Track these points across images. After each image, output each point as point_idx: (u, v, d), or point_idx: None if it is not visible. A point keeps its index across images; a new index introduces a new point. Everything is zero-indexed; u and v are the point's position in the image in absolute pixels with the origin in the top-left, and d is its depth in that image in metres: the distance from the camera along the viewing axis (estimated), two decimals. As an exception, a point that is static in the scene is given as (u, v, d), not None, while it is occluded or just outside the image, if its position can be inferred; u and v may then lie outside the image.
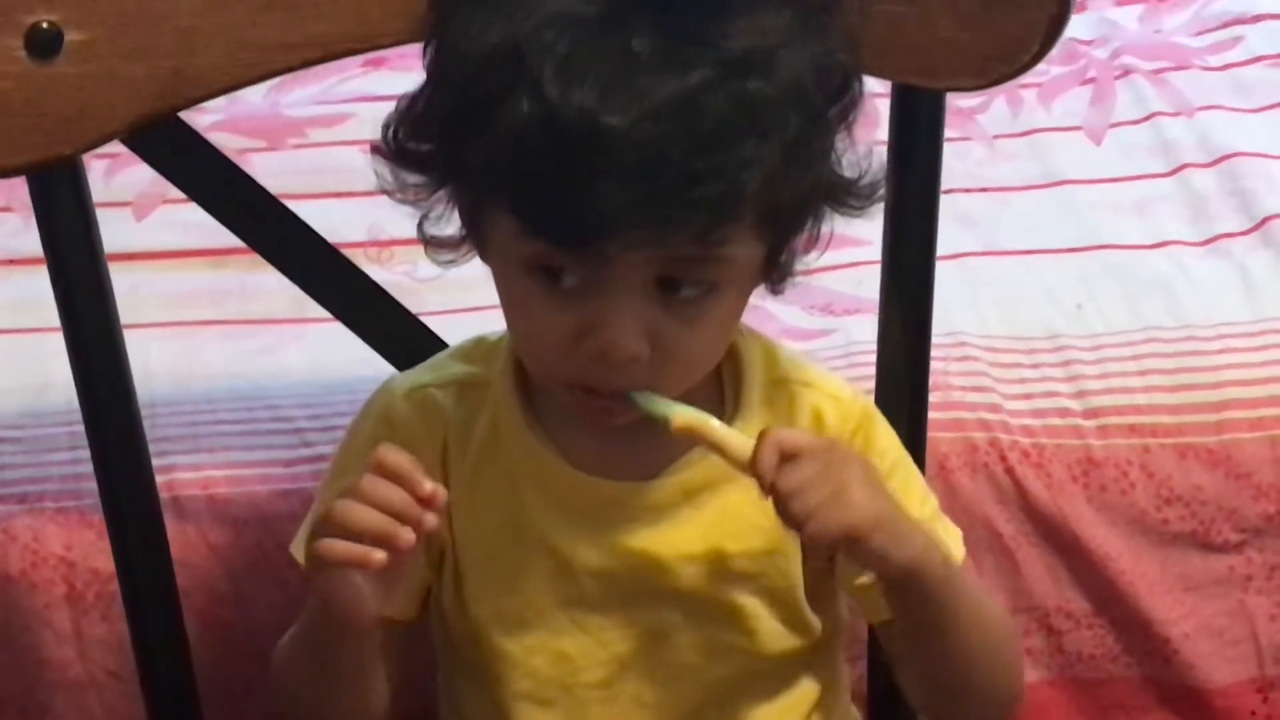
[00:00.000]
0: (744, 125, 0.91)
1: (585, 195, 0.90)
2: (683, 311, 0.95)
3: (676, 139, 0.90)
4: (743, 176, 0.91)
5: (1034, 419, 1.38)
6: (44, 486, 1.31)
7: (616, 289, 0.94)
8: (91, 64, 1.03)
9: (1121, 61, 1.78)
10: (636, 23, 0.90)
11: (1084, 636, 1.38)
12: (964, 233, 1.54)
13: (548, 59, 0.90)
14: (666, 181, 0.90)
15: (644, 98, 0.89)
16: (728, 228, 0.93)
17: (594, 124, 0.89)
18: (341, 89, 1.77)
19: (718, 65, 0.90)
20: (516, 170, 0.92)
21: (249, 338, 1.45)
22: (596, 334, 0.94)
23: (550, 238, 0.93)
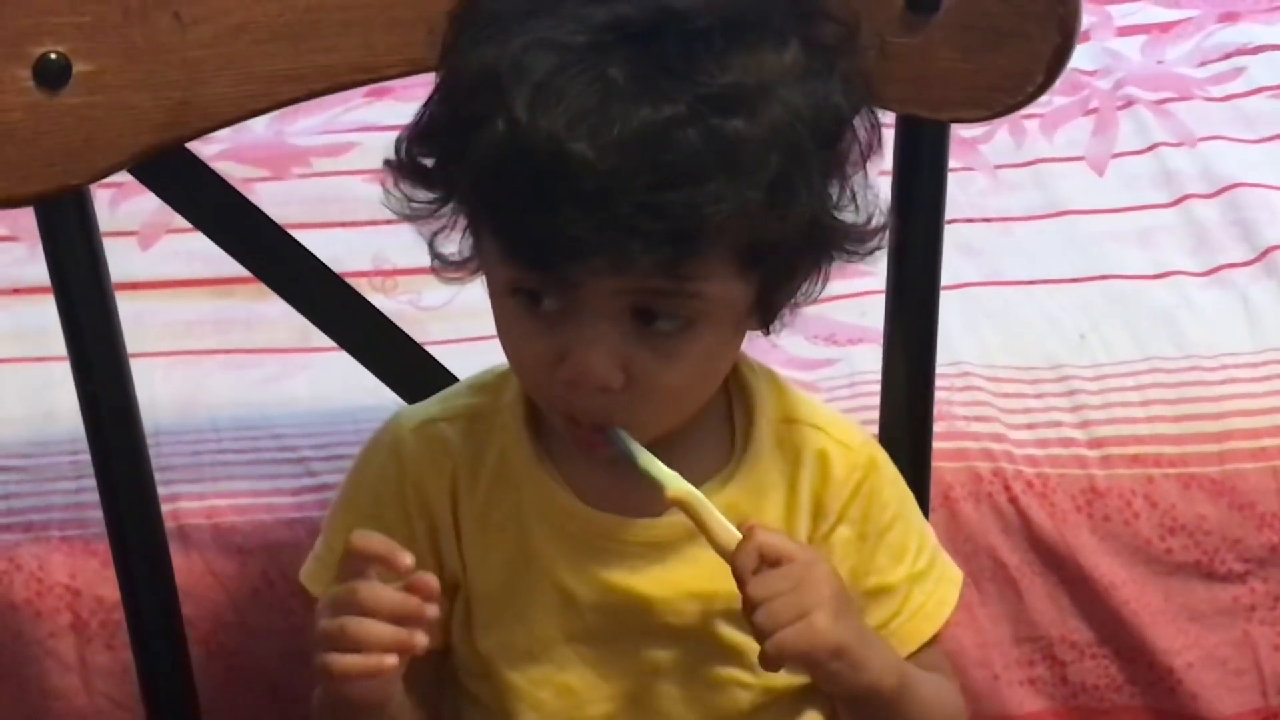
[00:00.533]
0: (714, 162, 0.91)
1: (549, 220, 0.91)
2: (659, 344, 0.95)
3: (640, 170, 0.90)
4: (706, 212, 0.91)
5: (1038, 449, 1.38)
6: (49, 515, 1.31)
7: (589, 315, 0.94)
8: (99, 95, 1.03)
9: (1124, 92, 1.78)
10: (618, 53, 0.91)
11: (1088, 666, 1.38)
12: (967, 263, 1.54)
13: (523, 84, 0.91)
14: (626, 211, 0.90)
15: (612, 126, 0.90)
16: (696, 262, 0.93)
17: (559, 149, 0.90)
18: (346, 119, 1.77)
19: (694, 101, 0.91)
20: (491, 192, 0.94)
21: (254, 367, 1.46)
22: (570, 359, 0.95)
23: (522, 260, 0.94)
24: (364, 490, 1.06)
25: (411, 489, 1.05)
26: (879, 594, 1.06)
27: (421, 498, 1.05)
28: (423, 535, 1.05)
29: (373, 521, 1.05)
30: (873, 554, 1.06)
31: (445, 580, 1.05)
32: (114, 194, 1.59)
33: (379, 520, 1.05)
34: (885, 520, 1.06)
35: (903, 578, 1.06)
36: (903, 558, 1.06)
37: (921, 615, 1.07)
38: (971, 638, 1.36)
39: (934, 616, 1.07)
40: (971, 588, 1.35)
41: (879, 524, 1.06)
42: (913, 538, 1.07)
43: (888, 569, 1.06)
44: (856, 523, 1.05)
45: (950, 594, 1.09)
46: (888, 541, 1.06)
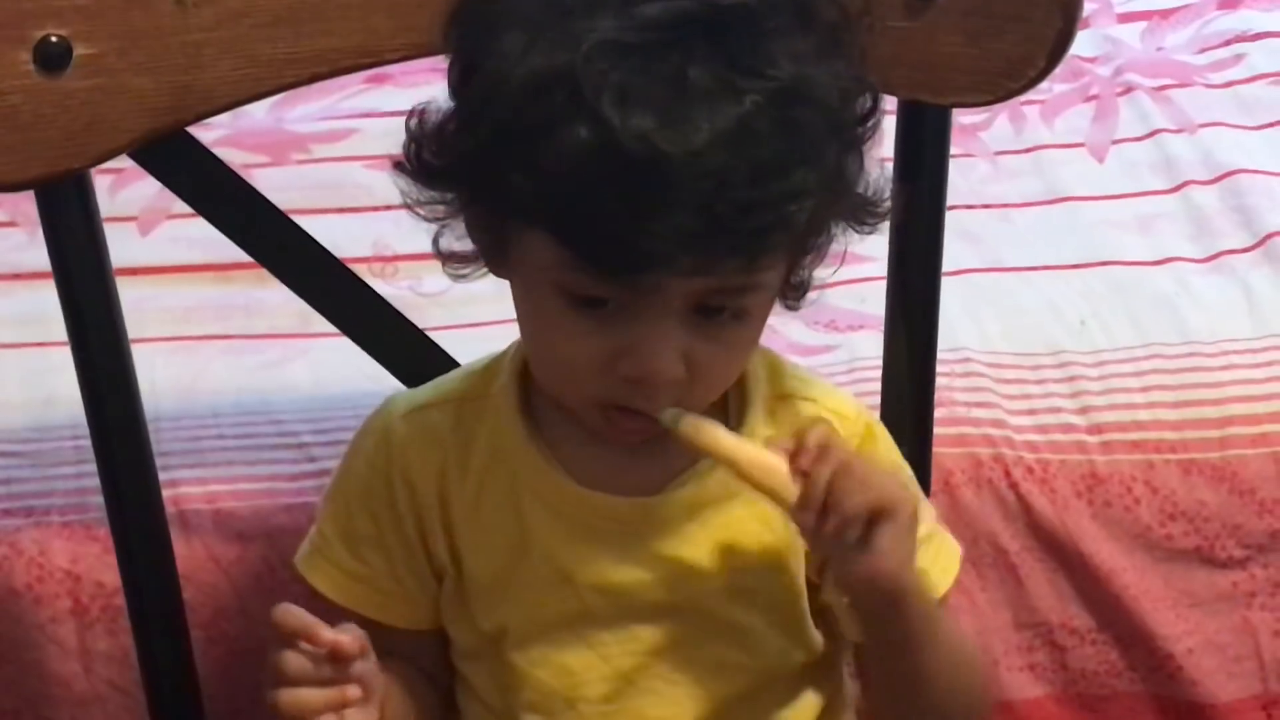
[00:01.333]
0: (794, 154, 0.92)
1: (641, 226, 0.90)
2: (717, 334, 0.96)
3: (737, 168, 0.90)
4: (793, 206, 0.92)
5: (1038, 435, 1.38)
6: (50, 500, 1.31)
7: (656, 314, 0.94)
8: (100, 78, 1.03)
9: (1124, 79, 1.79)
10: (688, 50, 0.91)
11: (1088, 652, 1.38)
12: (967, 249, 1.54)
13: (606, 87, 0.89)
14: (725, 212, 0.90)
15: (702, 125, 0.89)
16: (773, 256, 0.95)
17: (655, 151, 0.89)
18: (345, 105, 1.77)
19: (769, 93, 0.91)
20: (569, 200, 0.91)
21: (254, 353, 1.45)
22: (635, 358, 0.95)
23: (602, 268, 0.93)
24: (353, 477, 1.07)
25: (399, 475, 1.05)
26: None
27: (409, 484, 1.05)
28: (410, 522, 1.05)
29: (360, 509, 1.06)
30: None
31: (432, 565, 1.06)
32: (114, 180, 1.58)
33: (368, 507, 1.06)
34: None
35: None
36: None
37: (926, 580, 1.07)
38: (972, 623, 1.36)
39: (937, 586, 1.08)
40: (972, 573, 1.36)
41: None
42: None
43: None
44: None
45: (951, 564, 1.09)
46: None
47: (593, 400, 0.98)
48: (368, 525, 1.06)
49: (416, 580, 1.06)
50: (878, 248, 1.16)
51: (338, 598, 1.07)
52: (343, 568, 1.06)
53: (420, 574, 1.06)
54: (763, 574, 1.05)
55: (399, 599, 1.06)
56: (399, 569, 1.06)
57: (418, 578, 1.06)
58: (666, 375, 0.95)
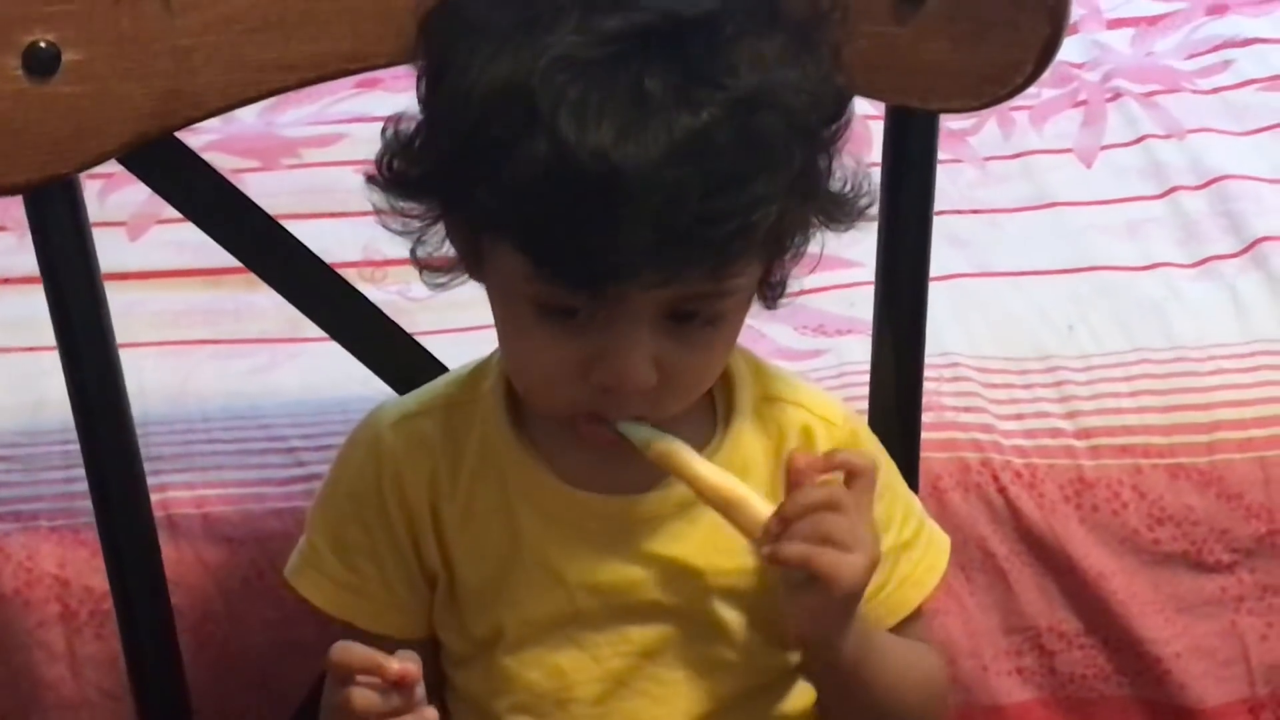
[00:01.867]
0: (754, 162, 0.92)
1: (602, 240, 0.91)
2: (690, 339, 0.97)
3: (693, 181, 0.90)
4: (756, 214, 0.92)
5: (1026, 439, 1.38)
6: (38, 505, 1.31)
7: (627, 322, 0.95)
8: (89, 83, 1.03)
9: (1113, 84, 1.79)
10: (645, 63, 0.91)
11: (1076, 656, 1.38)
12: (956, 254, 1.54)
13: (562, 101, 0.90)
14: (684, 223, 0.91)
15: (659, 138, 0.90)
16: (740, 263, 0.95)
17: (610, 166, 0.89)
18: (335, 109, 1.77)
19: (727, 104, 0.91)
20: (530, 213, 0.92)
21: (243, 357, 1.45)
22: (606, 365, 0.95)
23: (566, 281, 0.93)
24: (342, 487, 1.07)
25: (389, 485, 1.05)
26: None
27: (400, 494, 1.05)
28: (402, 531, 1.06)
29: (351, 519, 1.06)
30: None
31: (424, 573, 1.06)
32: (103, 185, 1.58)
33: (358, 517, 1.06)
34: None
35: (889, 548, 1.07)
36: (888, 529, 1.07)
37: (910, 583, 1.08)
38: (960, 627, 1.37)
39: (922, 583, 1.09)
40: (960, 577, 1.36)
41: None
42: (898, 507, 1.08)
43: None
44: None
45: (939, 560, 1.10)
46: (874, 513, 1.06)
47: (565, 408, 0.99)
48: (359, 535, 1.06)
49: (409, 589, 1.06)
50: (866, 252, 1.17)
51: (330, 608, 1.07)
52: (334, 578, 1.07)
53: (412, 582, 1.06)
54: (751, 573, 1.05)
55: (391, 608, 1.06)
56: (391, 578, 1.06)
57: (410, 586, 1.06)
58: (638, 382, 0.95)
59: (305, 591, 1.07)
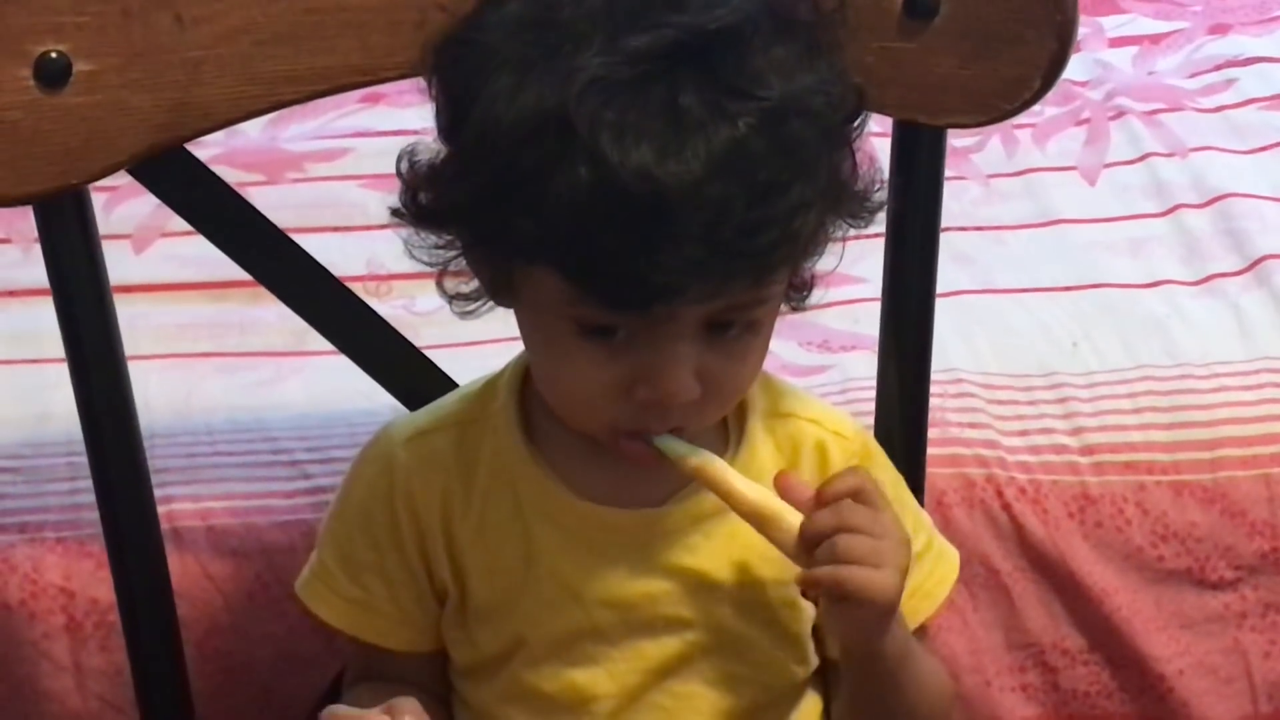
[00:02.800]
0: (790, 170, 0.92)
1: (649, 260, 0.91)
2: (729, 349, 0.97)
3: (736, 193, 0.91)
4: (797, 221, 0.93)
5: (1030, 455, 1.38)
6: (44, 517, 1.31)
7: (669, 338, 0.95)
8: (100, 94, 1.03)
9: (1116, 103, 1.79)
10: (676, 80, 0.91)
11: (1079, 673, 1.38)
12: (960, 271, 1.54)
13: (600, 123, 0.90)
14: (729, 237, 0.91)
15: (699, 153, 0.90)
16: (779, 272, 0.95)
17: (655, 185, 0.89)
18: (340, 124, 1.77)
19: (761, 114, 0.91)
20: (574, 239, 0.92)
21: (248, 370, 1.46)
22: (651, 383, 0.96)
23: (612, 304, 0.93)
24: (354, 505, 1.07)
25: (402, 502, 1.05)
26: None
27: (411, 509, 1.05)
28: (412, 548, 1.05)
29: (361, 532, 1.06)
30: None
31: (434, 589, 1.06)
32: (108, 197, 1.59)
33: (369, 534, 1.06)
34: None
35: None
36: None
37: (920, 595, 1.08)
38: (964, 644, 1.37)
39: (933, 595, 1.09)
40: (964, 593, 1.36)
41: None
42: (908, 520, 1.08)
43: None
44: None
45: (949, 573, 1.10)
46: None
47: (607, 427, 0.99)
48: (368, 553, 1.06)
49: (418, 605, 1.06)
50: (871, 269, 1.17)
51: (339, 624, 1.07)
52: (344, 595, 1.06)
53: (422, 599, 1.06)
54: (766, 586, 1.05)
55: (400, 624, 1.06)
56: (400, 595, 1.06)
57: (419, 603, 1.06)
58: (684, 396, 0.96)
59: (314, 607, 1.07)
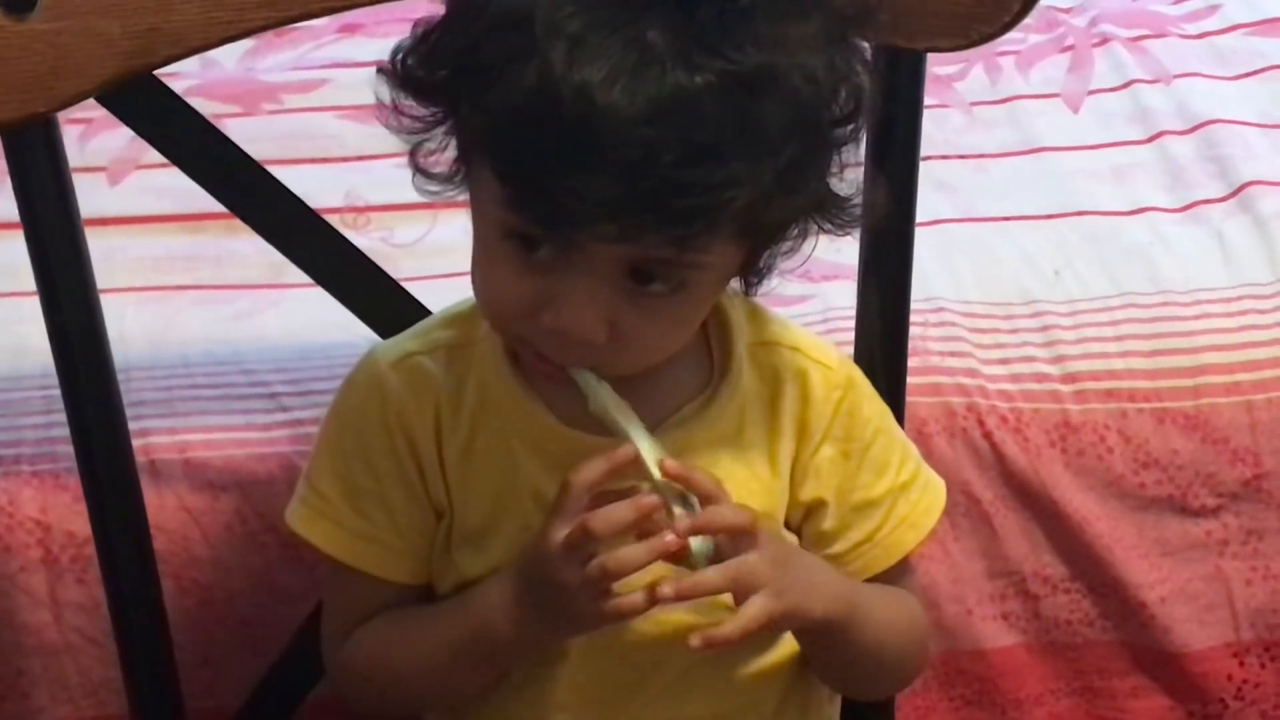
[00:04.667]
0: (738, 143, 0.90)
1: (567, 182, 0.90)
2: (648, 304, 0.95)
3: (668, 145, 0.89)
4: (727, 195, 0.91)
5: (1011, 384, 1.38)
6: (19, 450, 1.30)
7: (584, 272, 0.94)
8: (67, 20, 1.02)
9: (1100, 29, 1.78)
10: (654, 16, 0.89)
11: (1060, 601, 1.39)
12: (942, 199, 1.54)
13: (559, 34, 0.89)
14: (649, 186, 0.89)
15: (645, 91, 0.88)
16: (704, 239, 0.93)
17: (590, 108, 0.88)
18: (316, 55, 1.76)
19: (725, 75, 0.89)
20: (505, 140, 0.91)
21: (225, 303, 1.45)
22: (557, 311, 0.95)
23: (528, 213, 0.93)
24: (347, 430, 1.06)
25: (395, 423, 1.04)
26: (864, 508, 1.07)
27: (406, 432, 1.04)
28: (410, 468, 1.05)
29: (359, 460, 1.05)
30: (856, 470, 1.07)
31: (434, 510, 1.06)
32: (83, 129, 1.57)
33: (365, 459, 1.05)
34: (867, 436, 1.07)
35: (886, 490, 1.07)
36: (885, 471, 1.07)
37: (906, 525, 1.08)
38: (945, 572, 1.37)
39: (919, 525, 1.09)
40: (945, 523, 1.35)
41: (861, 440, 1.07)
42: (895, 451, 1.08)
43: (872, 484, 1.07)
44: (839, 441, 1.06)
45: (935, 502, 1.10)
46: (870, 457, 1.07)
47: (515, 339, 0.99)
48: (367, 479, 1.05)
49: (419, 532, 1.05)
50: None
51: (342, 556, 1.06)
52: (346, 525, 1.05)
53: (423, 524, 1.05)
54: None
55: (402, 554, 1.06)
56: (401, 521, 1.05)
57: (420, 529, 1.05)
58: (583, 334, 0.95)
59: (316, 540, 1.06)
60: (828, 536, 1.07)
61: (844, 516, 1.07)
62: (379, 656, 1.06)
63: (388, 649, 1.06)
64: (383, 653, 1.06)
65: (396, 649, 1.06)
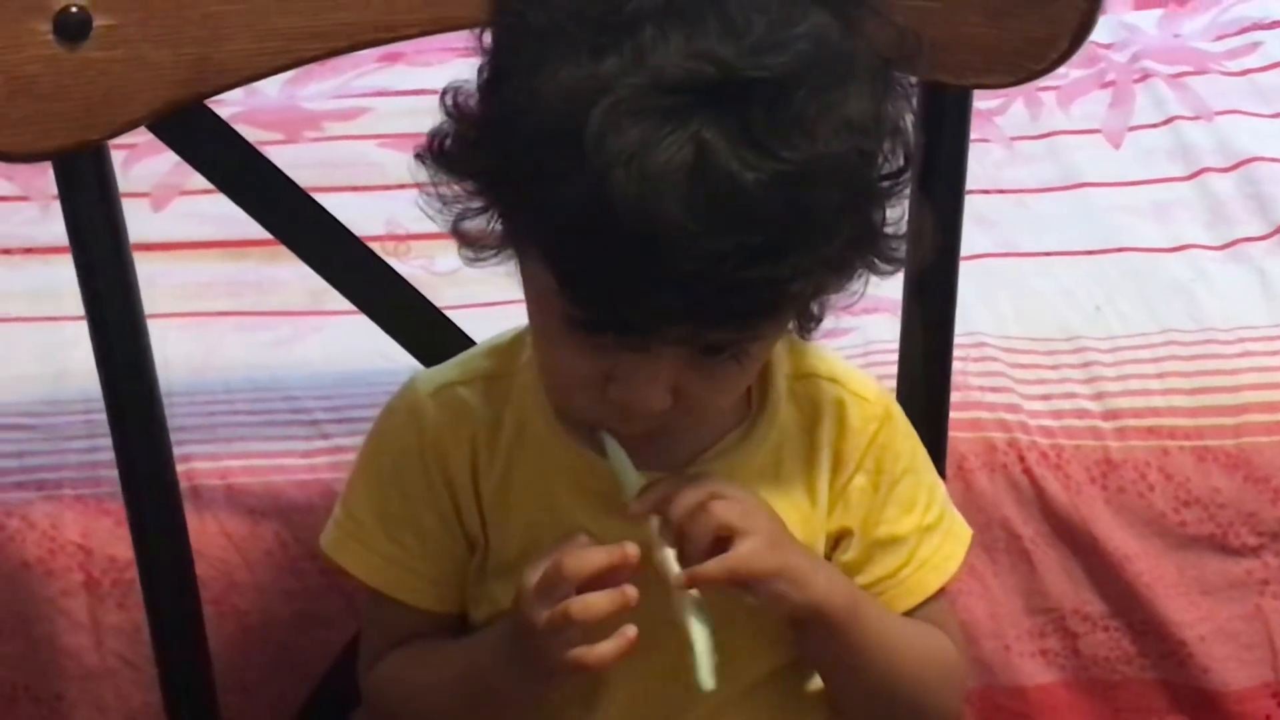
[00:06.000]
0: (795, 235, 0.90)
1: (627, 293, 0.90)
2: (712, 372, 0.96)
3: (729, 251, 0.88)
4: (791, 288, 0.91)
5: (1053, 420, 1.37)
6: (62, 474, 1.31)
7: (650, 354, 0.94)
8: (119, 49, 1.03)
9: (1140, 65, 1.78)
10: (702, 123, 0.88)
11: (1100, 639, 1.38)
12: (982, 234, 1.53)
13: (612, 151, 0.87)
14: (713, 292, 0.89)
15: (700, 202, 0.88)
16: (768, 324, 0.94)
17: (648, 224, 0.87)
18: (358, 83, 1.77)
19: (775, 175, 0.89)
20: (564, 249, 0.91)
21: (266, 329, 1.45)
22: (623, 386, 0.95)
23: (590, 316, 0.92)
24: (384, 457, 1.06)
25: (432, 453, 1.05)
26: (888, 544, 1.07)
27: (442, 462, 1.04)
28: (444, 498, 1.05)
29: (394, 487, 1.06)
30: (884, 504, 1.07)
31: (467, 540, 1.06)
32: (126, 155, 1.58)
33: (400, 486, 1.05)
34: (897, 472, 1.07)
35: (912, 529, 1.07)
36: (912, 509, 1.07)
37: (928, 567, 1.08)
38: (984, 608, 1.36)
39: (941, 569, 1.08)
40: (985, 558, 1.35)
41: (891, 475, 1.07)
42: (923, 491, 1.08)
43: (897, 520, 1.07)
44: (870, 473, 1.06)
45: (957, 550, 1.09)
46: (898, 493, 1.07)
47: (581, 415, 0.99)
48: (401, 506, 1.05)
49: (451, 559, 1.06)
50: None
51: (373, 581, 1.06)
52: (378, 551, 1.05)
53: (455, 552, 1.05)
54: None
55: (433, 582, 1.06)
56: (433, 549, 1.05)
57: (452, 558, 1.05)
58: (652, 407, 0.95)
59: (349, 565, 1.06)
60: (851, 569, 1.07)
61: (867, 549, 1.07)
62: (401, 684, 1.07)
63: (409, 677, 1.07)
64: (404, 680, 1.07)
65: (415, 678, 1.06)
